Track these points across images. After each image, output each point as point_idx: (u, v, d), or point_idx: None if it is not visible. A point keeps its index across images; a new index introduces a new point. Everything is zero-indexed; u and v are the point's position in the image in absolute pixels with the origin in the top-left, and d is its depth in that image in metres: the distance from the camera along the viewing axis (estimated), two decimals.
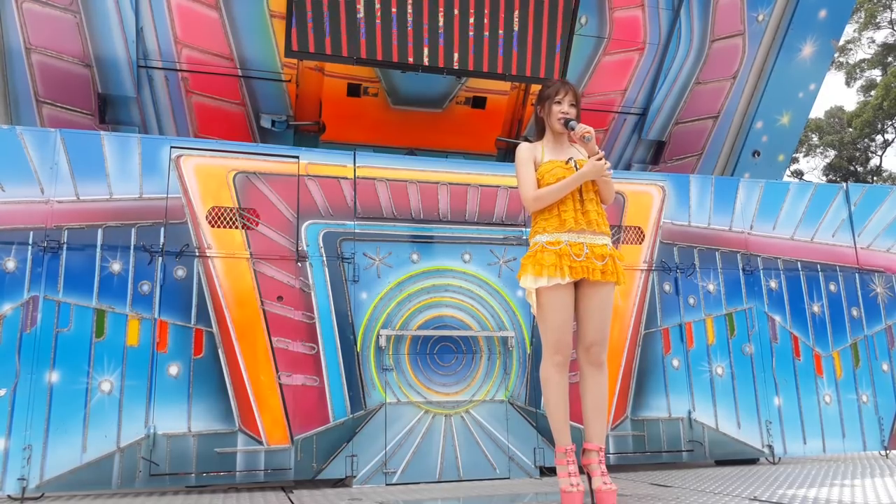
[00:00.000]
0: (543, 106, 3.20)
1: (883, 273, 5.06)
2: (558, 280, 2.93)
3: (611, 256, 3.04)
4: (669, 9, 5.68)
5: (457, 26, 4.92)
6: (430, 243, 4.28)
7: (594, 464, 2.96)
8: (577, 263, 2.95)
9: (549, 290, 2.96)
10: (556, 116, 3.14)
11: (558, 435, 3.00)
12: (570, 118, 3.11)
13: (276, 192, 4.09)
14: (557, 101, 3.15)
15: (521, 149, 3.20)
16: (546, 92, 3.20)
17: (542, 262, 2.96)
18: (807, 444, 4.58)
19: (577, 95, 3.19)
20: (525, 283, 3.05)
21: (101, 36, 4.82)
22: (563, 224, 3.00)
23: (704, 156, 6.37)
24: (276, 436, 3.79)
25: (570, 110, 3.14)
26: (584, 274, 2.96)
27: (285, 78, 5.22)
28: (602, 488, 2.86)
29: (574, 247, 2.97)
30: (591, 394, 3.05)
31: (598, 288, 3.02)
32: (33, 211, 3.71)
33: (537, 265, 2.97)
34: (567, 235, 2.99)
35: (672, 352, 4.50)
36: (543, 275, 2.94)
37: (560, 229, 3.00)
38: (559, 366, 3.00)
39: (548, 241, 3.00)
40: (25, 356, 3.53)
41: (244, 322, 3.87)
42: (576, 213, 3.02)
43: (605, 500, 2.84)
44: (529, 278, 3.01)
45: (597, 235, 3.04)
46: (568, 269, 2.94)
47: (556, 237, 3.00)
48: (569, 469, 2.90)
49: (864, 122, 21.93)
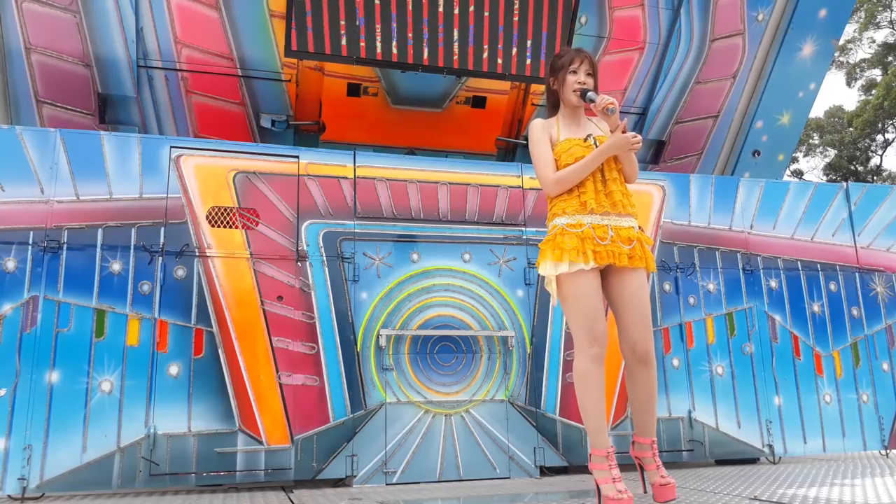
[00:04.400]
0: (557, 77, 2.88)
1: (883, 272, 5.06)
2: (581, 265, 2.62)
3: (638, 240, 2.74)
4: (669, 8, 5.68)
5: (456, 26, 4.92)
6: (430, 243, 4.28)
7: (649, 457, 2.73)
8: (602, 247, 2.64)
9: (572, 277, 2.63)
10: (571, 87, 2.82)
11: (598, 437, 2.66)
12: (587, 89, 2.80)
13: (276, 191, 4.09)
14: (573, 70, 2.82)
15: (535, 126, 2.86)
16: (559, 61, 2.87)
17: (562, 246, 2.64)
18: (807, 444, 4.58)
19: (593, 64, 2.87)
20: (544, 269, 2.72)
21: (101, 36, 4.82)
22: (584, 205, 2.70)
23: (704, 155, 6.37)
24: (277, 436, 3.79)
25: (588, 80, 2.82)
26: (611, 259, 2.65)
27: (285, 78, 5.22)
28: (661, 482, 2.63)
29: (598, 229, 2.67)
30: (641, 391, 2.75)
31: (629, 275, 2.71)
32: (33, 211, 3.71)
33: (557, 249, 2.65)
34: (589, 217, 2.69)
35: (672, 351, 4.50)
36: (564, 260, 2.63)
37: (581, 211, 2.70)
38: (597, 359, 2.63)
39: (568, 224, 2.68)
40: (25, 356, 3.53)
41: (244, 322, 3.87)
42: (597, 195, 2.72)
43: (665, 495, 2.62)
44: (549, 264, 2.69)
45: (622, 217, 2.74)
46: (592, 253, 2.62)
47: (577, 219, 2.69)
48: (612, 474, 2.58)
49: (864, 122, 21.92)
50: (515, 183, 4.51)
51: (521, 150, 5.94)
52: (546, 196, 2.88)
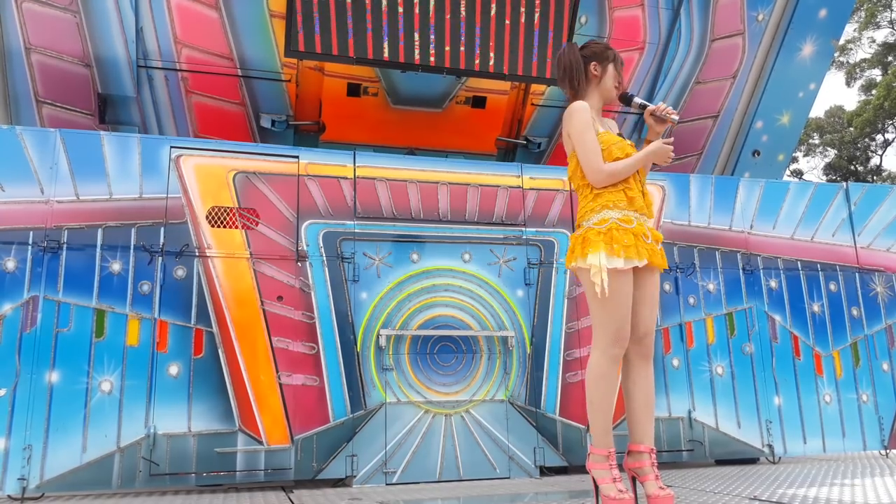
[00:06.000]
0: (603, 65, 2.81)
1: (883, 272, 5.06)
2: (636, 262, 2.60)
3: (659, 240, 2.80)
4: (669, 8, 5.68)
5: (456, 26, 4.92)
6: (430, 243, 4.28)
7: (646, 466, 2.63)
8: (647, 246, 2.65)
9: (622, 275, 2.60)
10: (614, 81, 2.81)
11: (604, 437, 2.64)
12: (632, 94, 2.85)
13: (275, 191, 4.09)
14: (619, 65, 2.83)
15: (584, 109, 2.74)
16: (608, 52, 2.82)
17: (619, 241, 2.60)
18: (807, 444, 4.58)
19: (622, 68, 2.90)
20: (595, 259, 2.61)
21: (100, 36, 4.82)
22: (632, 202, 2.69)
23: (704, 155, 6.37)
24: (276, 436, 3.79)
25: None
26: (652, 258, 2.66)
27: (285, 78, 5.22)
28: (659, 494, 2.53)
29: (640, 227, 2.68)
30: (642, 390, 2.72)
31: (650, 274, 2.74)
32: (33, 211, 3.71)
33: (615, 244, 2.60)
34: (635, 215, 2.68)
35: (672, 351, 4.50)
36: (620, 255, 2.58)
37: (629, 207, 2.68)
38: (616, 359, 2.64)
39: (621, 219, 2.65)
40: (25, 356, 3.53)
41: (244, 322, 3.87)
42: (639, 194, 2.73)
43: None
44: (602, 255, 2.60)
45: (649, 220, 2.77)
46: (645, 251, 2.63)
47: (626, 214, 2.66)
48: (612, 474, 2.58)
49: (864, 122, 21.92)
50: (515, 183, 4.50)
51: (520, 150, 5.94)
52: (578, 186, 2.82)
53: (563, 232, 4.50)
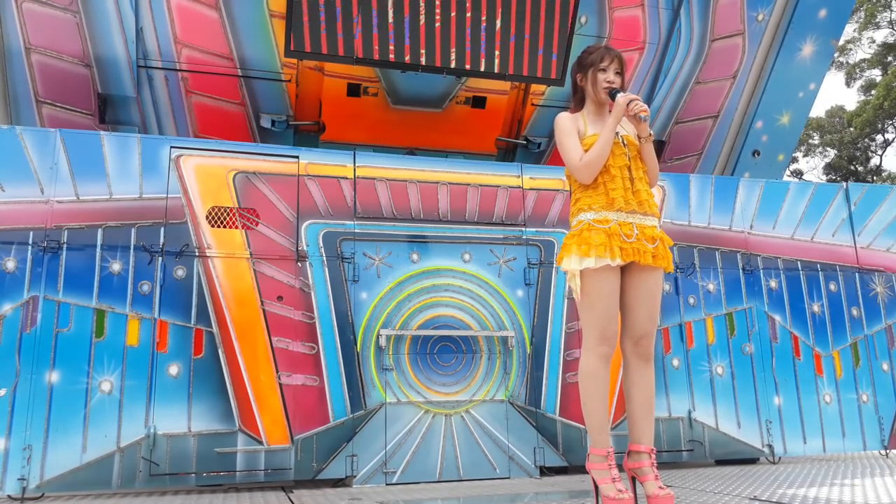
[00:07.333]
0: (586, 74, 2.87)
1: (883, 272, 5.06)
2: (607, 261, 2.62)
3: (661, 240, 2.75)
4: (669, 8, 5.68)
5: (456, 26, 4.92)
6: (430, 243, 4.28)
7: (646, 467, 2.63)
8: (628, 245, 2.65)
9: (596, 274, 2.63)
10: (601, 85, 2.82)
11: (601, 436, 2.65)
12: (617, 89, 2.80)
13: (275, 191, 4.09)
14: (602, 68, 2.82)
15: (564, 118, 2.86)
16: (589, 59, 2.86)
17: (588, 242, 2.64)
18: (807, 444, 4.58)
19: (622, 63, 2.87)
20: (568, 264, 2.70)
21: (100, 36, 4.82)
22: (612, 203, 2.70)
23: (704, 155, 6.37)
24: (276, 436, 3.79)
25: (616, 79, 2.83)
26: (635, 257, 2.65)
27: (285, 78, 5.22)
28: (659, 494, 2.53)
29: (624, 227, 2.68)
30: (640, 390, 2.73)
31: (648, 273, 2.72)
32: (33, 211, 3.71)
33: (584, 244, 2.65)
34: (616, 214, 2.69)
35: (672, 351, 4.50)
36: (591, 255, 2.62)
37: (608, 207, 2.70)
38: (605, 358, 2.66)
39: (595, 219, 2.69)
40: (25, 356, 3.53)
41: (244, 322, 3.87)
42: (626, 192, 2.72)
43: None
44: (574, 259, 2.67)
45: (647, 216, 2.75)
46: (618, 250, 2.63)
47: (603, 215, 2.69)
48: (612, 474, 2.59)
49: (864, 122, 21.92)
50: (515, 183, 4.51)
51: (520, 150, 5.94)
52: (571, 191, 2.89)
53: (563, 232, 4.49)
